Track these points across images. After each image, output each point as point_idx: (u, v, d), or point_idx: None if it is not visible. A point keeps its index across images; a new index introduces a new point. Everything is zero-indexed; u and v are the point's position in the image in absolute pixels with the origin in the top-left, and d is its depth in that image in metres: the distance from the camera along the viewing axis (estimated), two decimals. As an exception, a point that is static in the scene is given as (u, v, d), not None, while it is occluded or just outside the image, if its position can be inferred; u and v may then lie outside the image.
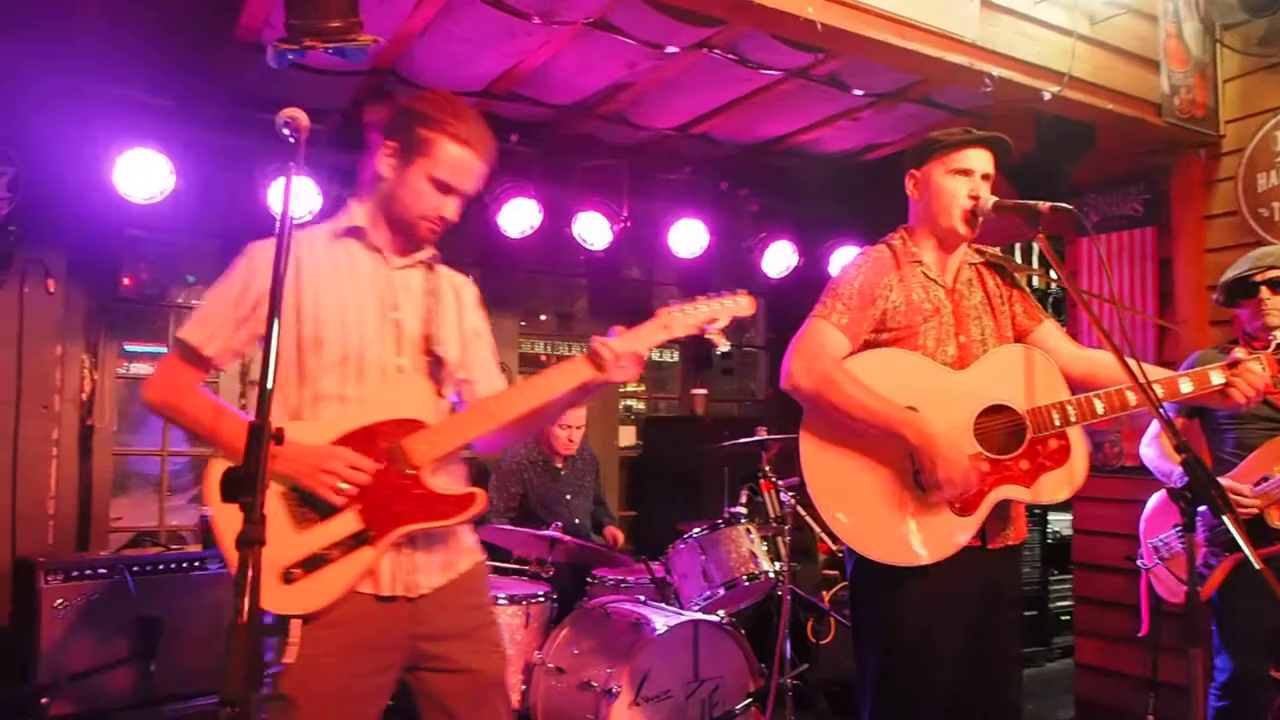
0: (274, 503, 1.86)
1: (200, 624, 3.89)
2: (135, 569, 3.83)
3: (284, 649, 1.82)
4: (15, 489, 4.14)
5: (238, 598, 1.26)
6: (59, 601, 3.66)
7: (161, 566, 3.90)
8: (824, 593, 4.68)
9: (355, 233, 2.05)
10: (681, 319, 2.14)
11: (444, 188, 2.01)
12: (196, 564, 3.98)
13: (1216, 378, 2.32)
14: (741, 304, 2.19)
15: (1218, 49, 4.30)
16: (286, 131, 1.67)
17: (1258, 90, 4.23)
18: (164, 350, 4.94)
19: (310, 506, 1.88)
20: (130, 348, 4.78)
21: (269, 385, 1.46)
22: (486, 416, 2.02)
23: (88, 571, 3.76)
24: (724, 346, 2.20)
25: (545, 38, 3.76)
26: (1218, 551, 3.03)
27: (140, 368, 4.92)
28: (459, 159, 1.99)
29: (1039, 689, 5.14)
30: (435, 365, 2.09)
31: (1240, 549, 1.84)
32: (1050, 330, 2.51)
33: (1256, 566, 1.85)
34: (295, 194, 4.44)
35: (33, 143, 3.96)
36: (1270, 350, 2.35)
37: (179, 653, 3.79)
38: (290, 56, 2.81)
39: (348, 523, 1.89)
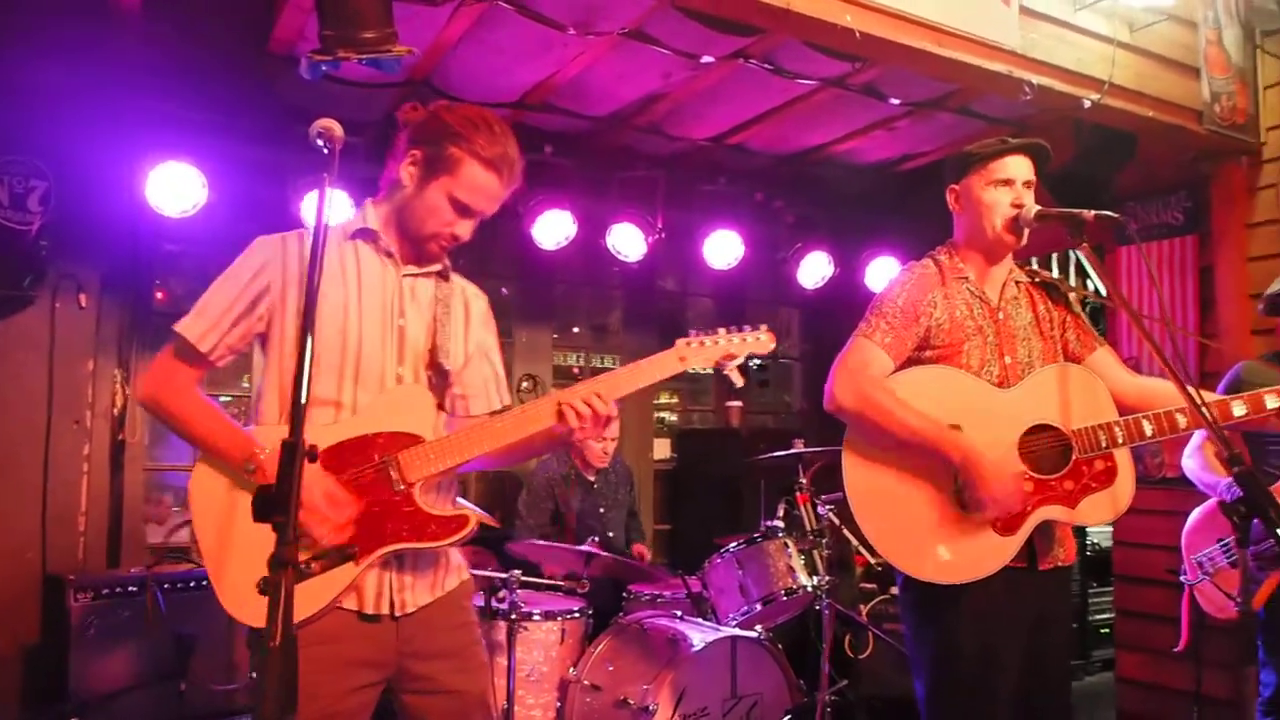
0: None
1: (232, 643, 3.86)
2: (166, 586, 3.80)
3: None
4: (46, 505, 4.15)
5: (271, 620, 1.23)
6: (89, 619, 3.63)
7: (193, 584, 3.86)
8: (861, 607, 4.62)
9: (367, 235, 2.01)
10: (698, 352, 2.09)
11: (462, 209, 1.97)
12: (192, 584, 3.88)
13: (1272, 401, 2.27)
14: (762, 340, 2.13)
15: (1258, 55, 4.24)
16: (320, 142, 1.65)
17: (1300, 96, 4.16)
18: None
19: None
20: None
21: (303, 399, 1.41)
22: (489, 438, 1.93)
23: (118, 589, 3.73)
24: (739, 383, 2.14)
25: (581, 48, 3.77)
26: (1263, 566, 2.97)
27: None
28: (483, 183, 1.95)
29: (1079, 703, 5.02)
30: (439, 378, 2.04)
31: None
32: (1105, 358, 2.46)
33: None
34: (329, 206, 4.45)
35: (64, 157, 3.97)
36: None
37: (210, 672, 3.77)
38: (324, 68, 2.82)
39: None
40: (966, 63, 3.28)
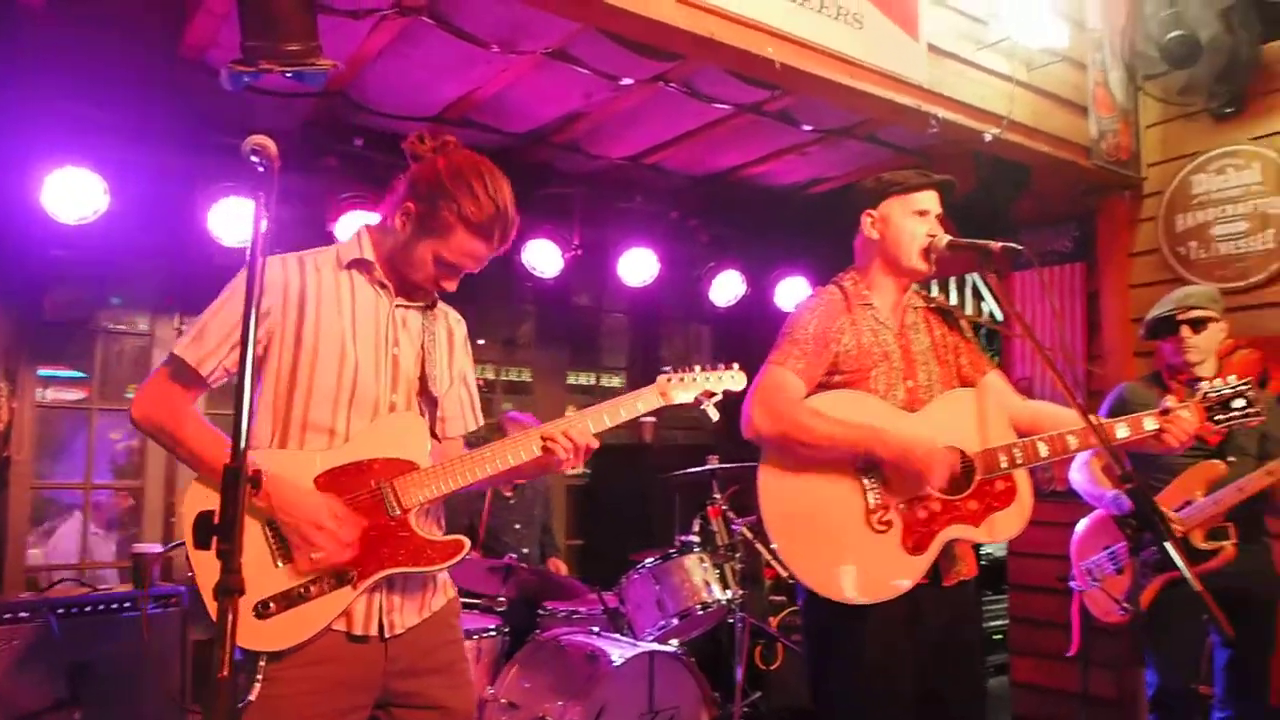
0: (254, 532, 1.82)
1: (131, 669, 3.69)
2: (60, 611, 3.61)
3: (251, 686, 1.78)
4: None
5: (218, 649, 1.21)
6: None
7: (89, 608, 3.68)
8: (771, 619, 4.72)
9: (362, 265, 2.02)
10: (680, 388, 2.18)
11: (449, 268, 1.99)
12: (127, 605, 3.76)
13: (1150, 424, 2.42)
14: (736, 378, 2.24)
15: (1140, 97, 4.54)
16: (255, 159, 1.59)
17: (1177, 137, 4.49)
18: (84, 376, 4.75)
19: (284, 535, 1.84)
20: (44, 372, 4.54)
21: (244, 425, 1.38)
22: (481, 465, 1.98)
23: (6, 615, 3.53)
24: (715, 417, 2.21)
25: (503, 66, 3.77)
26: (1147, 573, 3.16)
27: (61, 394, 4.73)
28: (471, 248, 1.97)
29: (975, 709, 5.25)
30: (429, 405, 2.08)
31: (1170, 569, 1.93)
32: (996, 382, 2.59)
33: (1196, 589, 1.96)
34: (241, 219, 4.30)
35: (-50, 159, 3.76)
36: (1197, 399, 2.48)
37: (109, 699, 3.59)
38: (246, 79, 2.75)
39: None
40: (878, 96, 3.42)
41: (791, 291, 5.60)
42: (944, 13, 3.64)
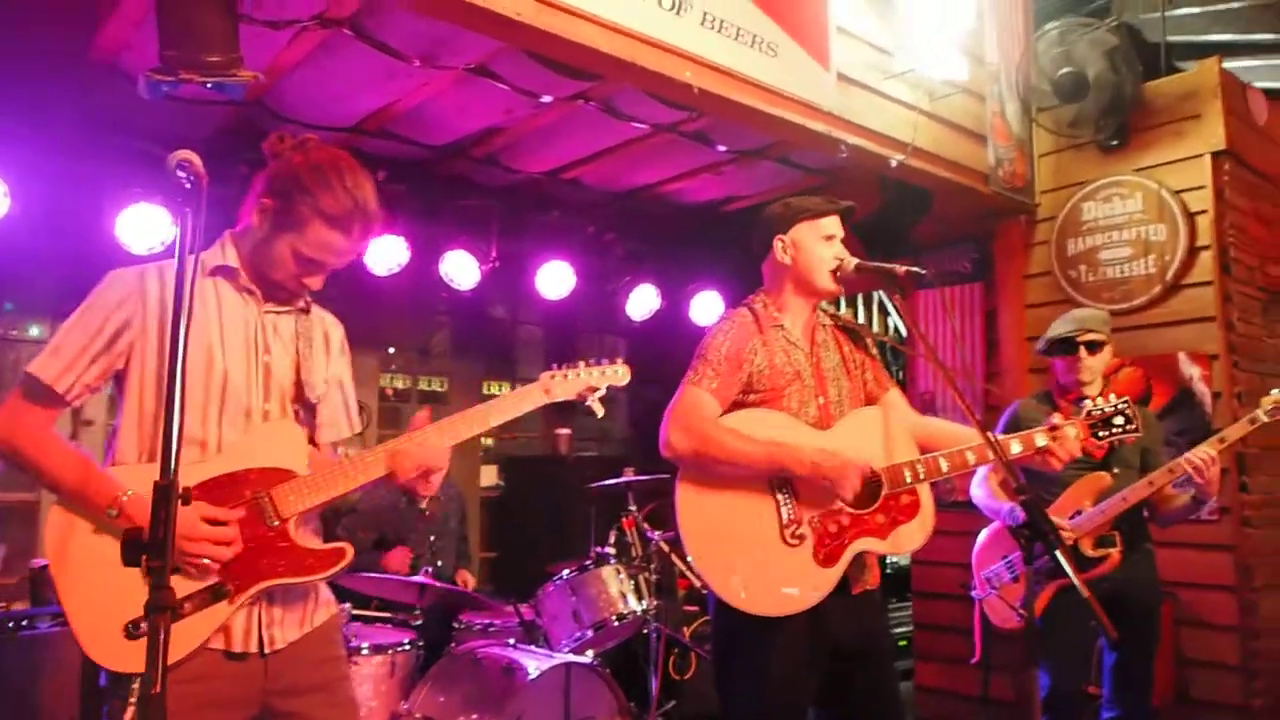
0: (115, 550, 1.73)
1: (28, 689, 3.55)
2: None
3: (123, 710, 1.73)
4: None
5: (150, 666, 1.21)
6: None
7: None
8: (685, 628, 4.80)
9: (226, 272, 1.98)
10: (562, 385, 2.21)
11: (308, 263, 1.96)
12: (24, 623, 3.62)
13: (1040, 440, 2.55)
14: (620, 373, 2.29)
15: (1034, 128, 4.81)
16: (182, 174, 1.55)
17: (1067, 166, 4.76)
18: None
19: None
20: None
21: (174, 443, 1.38)
22: (361, 472, 1.96)
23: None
24: (600, 412, 2.28)
25: (424, 80, 3.78)
26: (1040, 580, 3.33)
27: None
28: (328, 242, 1.94)
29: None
30: (307, 411, 2.04)
31: (1061, 577, 2.07)
32: (897, 399, 2.72)
33: (1084, 595, 2.10)
34: (151, 227, 4.17)
35: None
36: (1082, 416, 2.63)
37: (3, 720, 3.46)
38: (164, 89, 2.71)
39: (204, 574, 1.79)
40: (791, 121, 3.55)
41: (706, 306, 5.72)
42: (853, 44, 3.81)
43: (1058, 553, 2.11)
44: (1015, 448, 2.55)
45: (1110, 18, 4.86)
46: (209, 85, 2.63)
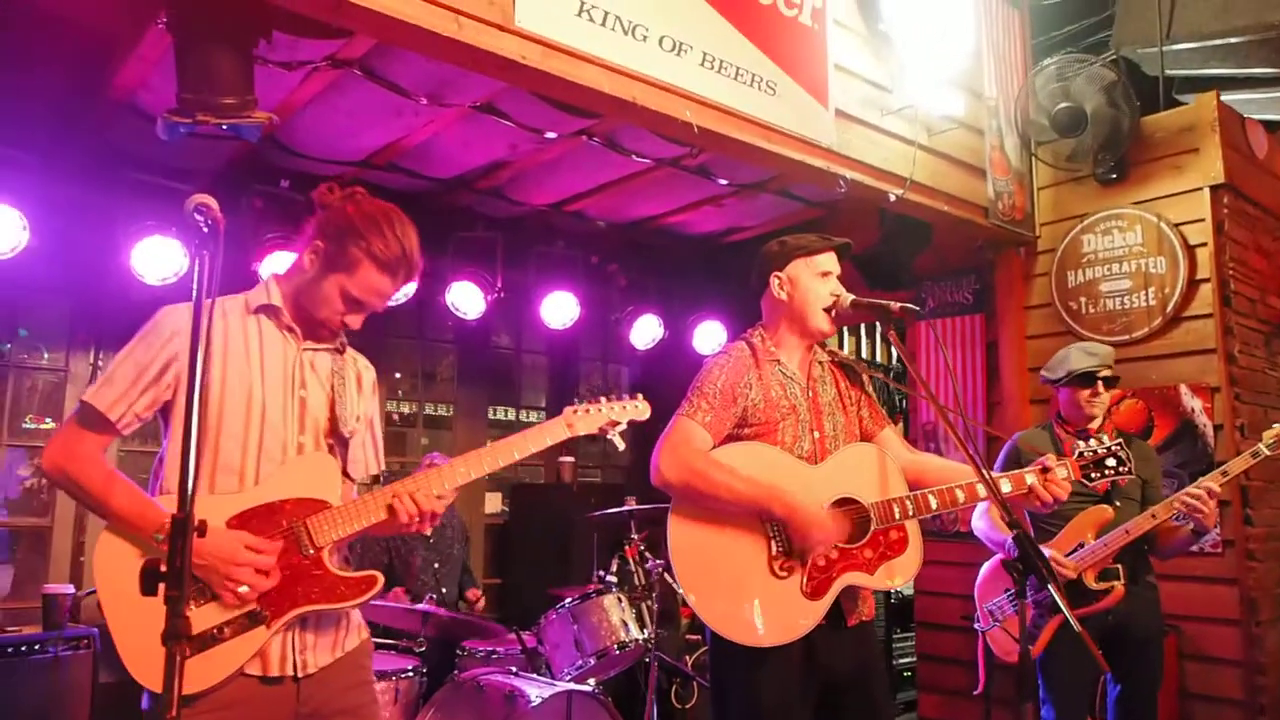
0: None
1: (41, 713, 3.60)
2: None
3: None
4: None
5: (167, 691, 1.27)
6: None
7: (-3, 650, 3.59)
8: (687, 657, 4.81)
9: (269, 311, 2.08)
10: (584, 419, 2.25)
11: (354, 303, 2.06)
12: (36, 647, 3.68)
13: (1030, 479, 2.57)
14: (641, 409, 2.33)
15: (1033, 161, 4.87)
16: (200, 218, 1.62)
17: (1066, 199, 4.81)
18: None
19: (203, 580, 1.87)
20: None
21: (190, 476, 1.46)
22: (375, 508, 2.03)
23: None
24: (621, 446, 2.32)
25: (431, 117, 3.87)
26: (1044, 614, 3.35)
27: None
28: (376, 284, 2.04)
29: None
30: (340, 445, 2.13)
31: (1062, 612, 2.09)
32: (890, 436, 2.75)
33: (1076, 629, 2.13)
34: (164, 258, 4.24)
35: None
36: (1074, 458, 2.65)
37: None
38: (182, 130, 2.81)
39: (241, 601, 1.87)
40: (790, 157, 3.62)
41: (708, 335, 5.78)
42: (851, 81, 3.88)
43: (1050, 587, 2.14)
44: (1005, 485, 2.56)
45: (1108, 52, 4.93)
46: (224, 127, 2.72)
